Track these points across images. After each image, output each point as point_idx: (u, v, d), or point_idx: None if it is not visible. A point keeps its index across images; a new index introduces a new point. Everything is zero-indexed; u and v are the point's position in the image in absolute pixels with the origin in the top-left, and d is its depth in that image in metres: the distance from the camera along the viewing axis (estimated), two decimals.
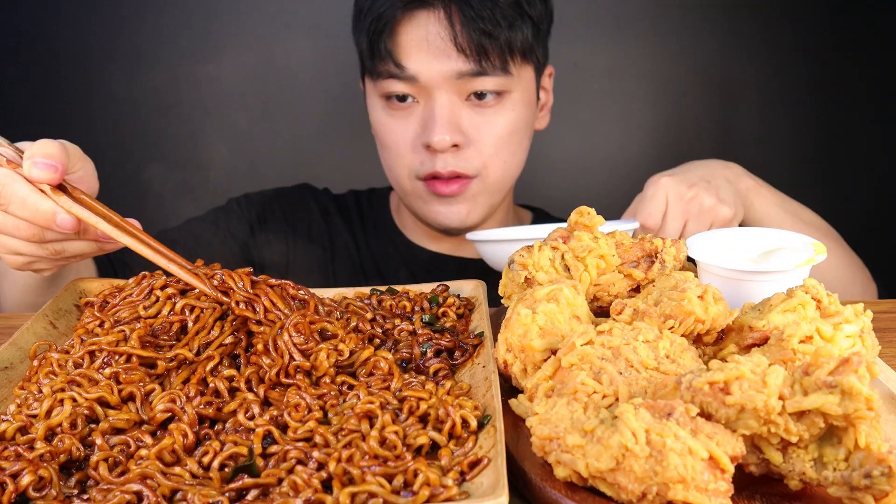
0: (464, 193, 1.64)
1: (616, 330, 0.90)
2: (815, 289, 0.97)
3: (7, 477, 0.78)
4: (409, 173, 1.65)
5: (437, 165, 1.59)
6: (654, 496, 0.73)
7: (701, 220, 1.41)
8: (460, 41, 1.53)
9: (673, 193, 1.42)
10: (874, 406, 0.72)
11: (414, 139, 1.61)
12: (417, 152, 1.62)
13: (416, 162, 1.62)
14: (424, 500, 0.76)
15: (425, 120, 1.58)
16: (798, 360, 0.87)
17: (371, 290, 1.23)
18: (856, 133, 2.71)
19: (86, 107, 2.63)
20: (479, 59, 1.54)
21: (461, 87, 1.57)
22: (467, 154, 1.60)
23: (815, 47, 2.64)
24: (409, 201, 1.72)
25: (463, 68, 1.55)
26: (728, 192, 1.46)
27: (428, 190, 1.64)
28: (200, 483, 0.80)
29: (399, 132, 1.63)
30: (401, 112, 1.62)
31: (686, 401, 0.77)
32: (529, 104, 1.68)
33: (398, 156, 1.65)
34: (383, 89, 1.62)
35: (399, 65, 1.56)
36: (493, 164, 1.63)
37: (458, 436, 0.86)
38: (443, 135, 1.55)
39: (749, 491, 0.80)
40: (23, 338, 1.06)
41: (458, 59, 1.54)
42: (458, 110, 1.58)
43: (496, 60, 1.56)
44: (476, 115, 1.60)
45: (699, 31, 2.66)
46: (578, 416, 0.80)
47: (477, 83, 1.57)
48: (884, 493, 0.72)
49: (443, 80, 1.55)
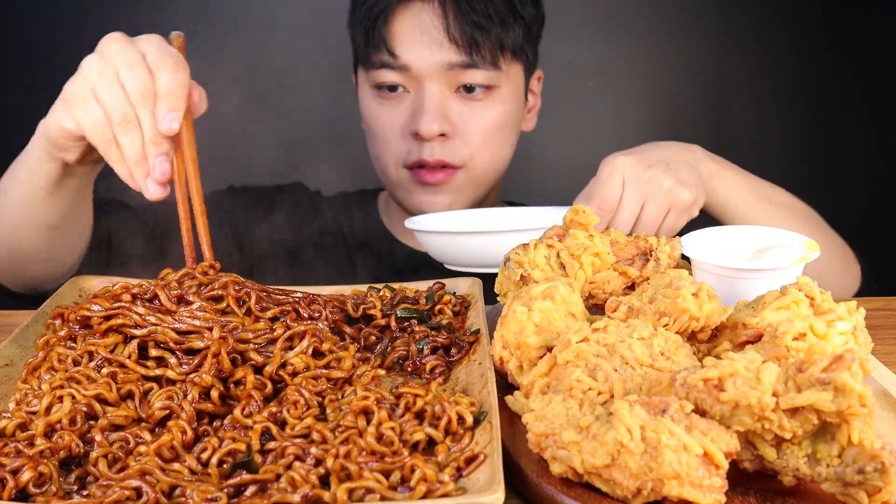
0: (449, 183, 1.66)
1: (611, 327, 0.91)
2: (808, 286, 0.98)
3: (7, 473, 0.78)
4: (395, 161, 1.67)
5: (424, 154, 1.62)
6: (648, 492, 0.74)
7: (659, 203, 1.31)
8: (453, 32, 1.57)
9: (630, 174, 1.31)
10: (867, 403, 0.72)
11: (402, 127, 1.64)
12: (405, 141, 1.64)
13: (403, 150, 1.65)
14: (421, 495, 0.77)
15: (414, 109, 1.62)
16: (792, 357, 0.88)
17: (368, 287, 1.24)
18: (850, 133, 2.71)
19: None
20: (470, 52, 1.58)
21: (451, 79, 1.61)
22: (454, 144, 1.63)
23: (808, 48, 2.65)
24: (394, 191, 1.74)
25: (454, 59, 1.58)
26: (689, 175, 1.38)
27: (413, 179, 1.67)
28: (199, 479, 0.81)
29: (388, 120, 1.66)
30: (391, 101, 1.65)
31: (681, 397, 0.78)
32: (517, 101, 1.71)
33: (386, 144, 1.68)
34: (375, 79, 1.65)
35: (392, 53, 1.60)
36: (479, 155, 1.66)
37: (455, 432, 0.87)
38: (431, 123, 1.58)
39: (743, 487, 0.80)
40: (23, 335, 1.06)
41: (450, 49, 1.58)
42: (447, 101, 1.62)
43: (487, 54, 1.60)
44: (464, 107, 1.63)
45: (693, 31, 2.66)
46: (574, 413, 0.81)
47: (467, 75, 1.60)
48: (877, 489, 0.72)
49: (434, 69, 1.59)
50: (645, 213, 1.31)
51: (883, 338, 1.20)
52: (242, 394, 0.93)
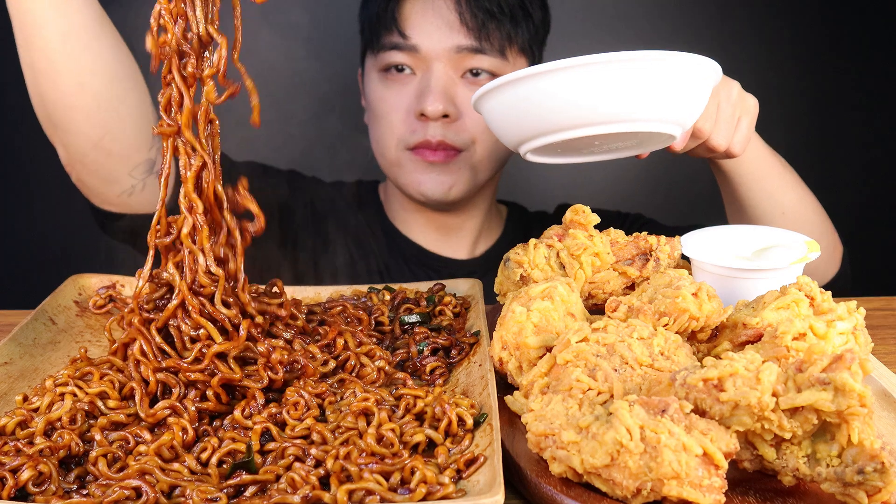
0: (448, 165, 1.67)
1: (611, 327, 0.91)
2: (808, 286, 0.98)
3: (7, 472, 0.78)
4: (397, 143, 1.68)
5: (428, 133, 1.63)
6: (648, 492, 0.74)
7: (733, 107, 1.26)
8: (465, 16, 1.59)
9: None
10: (867, 402, 0.72)
11: (407, 109, 1.65)
12: (409, 122, 1.65)
13: (406, 131, 1.66)
14: (421, 497, 0.77)
15: (420, 90, 1.63)
16: (791, 356, 0.88)
17: (369, 288, 1.24)
18: (850, 132, 2.71)
19: None
20: (479, 37, 1.60)
21: (458, 62, 1.62)
22: (457, 127, 1.64)
23: (808, 47, 2.65)
24: (393, 173, 1.74)
25: (463, 42, 1.60)
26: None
27: (414, 158, 1.67)
28: (199, 479, 0.81)
29: (393, 102, 1.66)
30: (397, 84, 1.66)
31: (680, 397, 0.78)
32: None
33: (389, 125, 1.68)
34: (383, 61, 1.66)
35: (403, 34, 1.62)
36: (481, 141, 1.66)
37: (455, 433, 0.87)
38: (436, 103, 1.59)
39: (743, 487, 0.80)
40: (22, 334, 1.06)
41: (460, 32, 1.60)
42: (453, 84, 1.63)
43: (495, 42, 1.62)
44: (470, 92, 1.63)
45: (694, 30, 2.66)
46: (573, 413, 0.81)
47: (474, 60, 1.62)
48: (876, 489, 0.72)
49: (443, 52, 1.60)
50: (721, 111, 1.25)
51: (883, 338, 1.20)
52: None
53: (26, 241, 2.63)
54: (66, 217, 2.57)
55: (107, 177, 1.41)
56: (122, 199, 1.44)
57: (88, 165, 1.40)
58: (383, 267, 1.79)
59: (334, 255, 1.80)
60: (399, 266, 1.79)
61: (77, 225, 2.55)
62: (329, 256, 1.79)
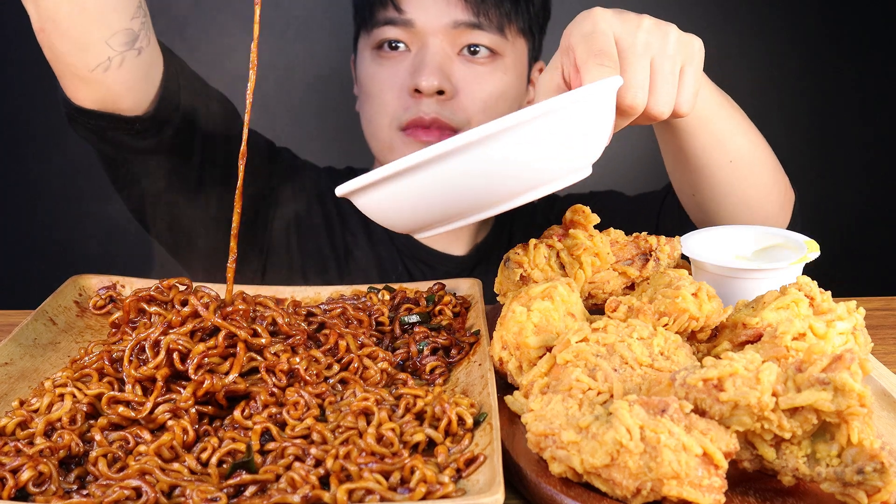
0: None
1: (611, 327, 0.91)
2: (808, 286, 0.98)
3: (7, 472, 0.78)
4: (389, 122, 1.62)
5: (421, 110, 1.58)
6: (648, 492, 0.74)
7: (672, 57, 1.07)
8: None
9: (618, 26, 1.06)
10: (867, 402, 0.72)
11: (401, 85, 1.60)
12: (402, 99, 1.60)
13: (399, 109, 1.60)
14: (421, 496, 0.77)
15: (415, 66, 1.58)
16: (791, 356, 0.88)
17: (368, 288, 1.24)
18: (850, 131, 2.71)
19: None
20: (477, 13, 1.56)
21: (455, 38, 1.58)
22: (452, 105, 1.59)
23: (808, 47, 2.65)
24: (383, 155, 1.68)
25: (460, 17, 1.56)
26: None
27: (406, 139, 1.61)
28: (199, 479, 0.81)
29: (386, 79, 1.61)
30: (390, 61, 1.61)
31: (680, 397, 0.78)
32: (520, 77, 1.69)
33: (382, 104, 1.63)
34: (377, 38, 1.61)
35: (398, 8, 1.57)
36: (476, 122, 1.60)
37: (455, 433, 0.87)
38: (431, 78, 1.54)
39: (743, 487, 0.80)
40: (22, 334, 1.06)
41: (457, 7, 1.56)
42: (449, 61, 1.59)
43: (493, 18, 1.57)
44: (467, 70, 1.60)
45: (695, 30, 2.66)
46: (573, 413, 0.81)
47: (472, 36, 1.58)
48: (876, 489, 0.72)
49: (439, 27, 1.56)
50: (657, 71, 1.05)
51: (883, 338, 1.20)
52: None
53: (26, 241, 2.63)
54: (66, 217, 2.58)
55: (80, 40, 1.24)
56: (96, 74, 1.28)
57: (61, 24, 1.22)
58: (375, 261, 1.75)
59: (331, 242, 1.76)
60: (392, 258, 1.75)
61: (77, 225, 2.56)
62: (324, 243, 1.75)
